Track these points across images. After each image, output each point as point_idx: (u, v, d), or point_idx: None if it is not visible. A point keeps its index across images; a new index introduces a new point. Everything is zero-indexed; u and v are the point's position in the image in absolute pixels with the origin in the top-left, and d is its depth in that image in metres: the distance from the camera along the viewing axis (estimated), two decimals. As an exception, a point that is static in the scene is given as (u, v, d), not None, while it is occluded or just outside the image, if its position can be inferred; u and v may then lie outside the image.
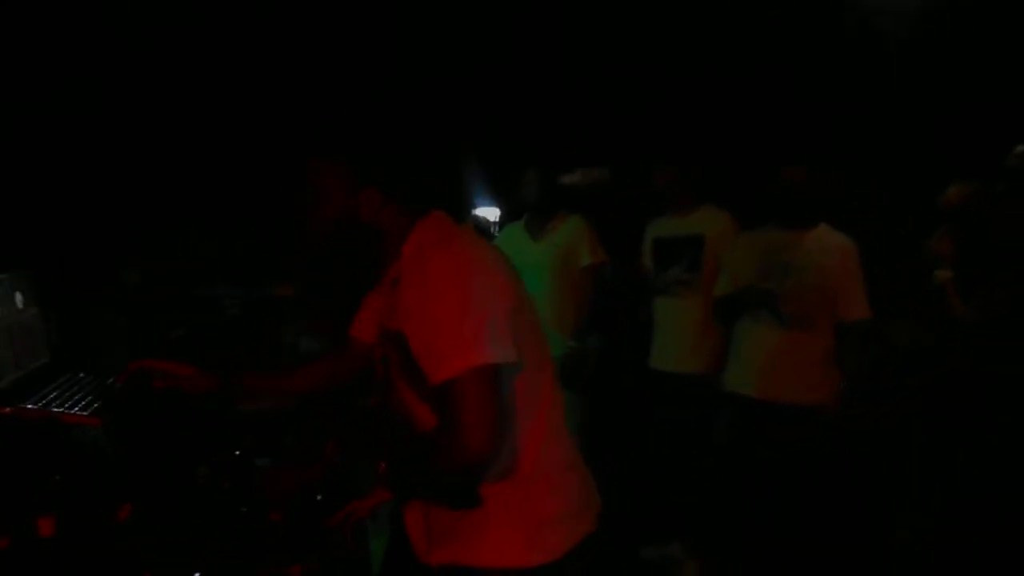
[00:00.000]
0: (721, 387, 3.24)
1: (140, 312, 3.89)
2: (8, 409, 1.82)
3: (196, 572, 1.84)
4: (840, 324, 3.02)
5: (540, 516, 1.58)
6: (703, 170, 3.58)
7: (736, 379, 3.19)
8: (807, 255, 3.02)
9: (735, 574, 3.26)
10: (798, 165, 3.08)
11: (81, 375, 2.15)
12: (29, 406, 1.86)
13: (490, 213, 5.48)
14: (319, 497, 2.13)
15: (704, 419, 3.38)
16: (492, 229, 5.03)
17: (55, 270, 2.67)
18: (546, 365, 1.64)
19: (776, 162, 3.17)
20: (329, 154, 1.61)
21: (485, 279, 1.48)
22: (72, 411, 1.91)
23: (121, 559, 1.87)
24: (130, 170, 4.32)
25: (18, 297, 2.05)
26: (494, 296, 1.48)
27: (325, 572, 1.88)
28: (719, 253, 3.39)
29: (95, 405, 1.94)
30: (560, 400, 1.68)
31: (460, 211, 1.55)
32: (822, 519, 3.11)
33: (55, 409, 1.88)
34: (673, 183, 3.55)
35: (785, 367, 3.03)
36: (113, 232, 4.21)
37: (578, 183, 4.52)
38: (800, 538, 3.08)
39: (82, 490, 2.23)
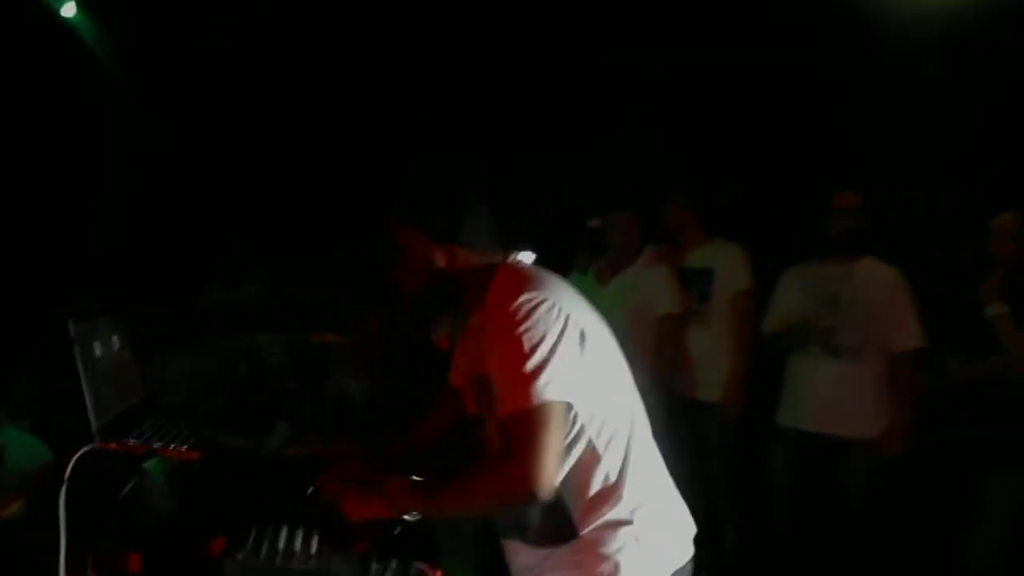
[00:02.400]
0: (777, 422, 3.29)
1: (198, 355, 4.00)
2: (113, 444, 1.89)
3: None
4: (893, 355, 3.06)
5: (639, 544, 1.61)
6: (709, 207, 3.74)
7: (790, 414, 3.23)
8: (856, 287, 3.08)
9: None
10: (847, 192, 3.14)
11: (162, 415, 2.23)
12: (131, 442, 1.93)
13: (526, 257, 5.56)
14: (396, 531, 2.20)
15: (718, 449, 3.51)
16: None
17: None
18: (626, 396, 1.69)
19: (812, 191, 3.26)
20: (403, 220, 1.70)
21: (558, 320, 1.52)
22: (169, 447, 1.98)
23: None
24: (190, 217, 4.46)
25: (115, 339, 2.14)
26: (566, 338, 1.51)
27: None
28: (731, 285, 3.52)
29: (191, 442, 2.01)
30: (645, 430, 1.72)
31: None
32: (880, 557, 3.10)
33: (155, 445, 1.96)
34: (680, 222, 3.71)
35: (841, 400, 3.08)
36: (172, 278, 4.34)
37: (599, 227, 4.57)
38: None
39: (170, 525, 2.30)
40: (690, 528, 1.75)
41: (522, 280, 1.61)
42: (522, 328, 1.49)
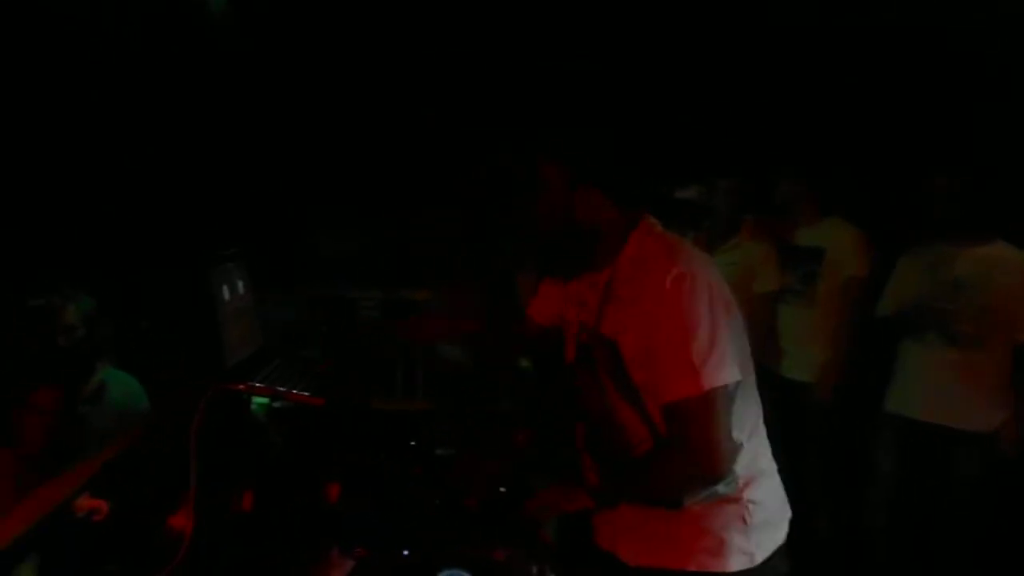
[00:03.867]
0: (884, 409, 3.17)
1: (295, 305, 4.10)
2: (242, 386, 1.94)
3: (404, 550, 1.93)
4: (1019, 345, 2.90)
5: (745, 522, 1.61)
6: (826, 182, 3.53)
7: (900, 400, 3.11)
8: (981, 271, 2.92)
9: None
10: (953, 174, 2.98)
11: (283, 360, 2.27)
12: (258, 384, 1.98)
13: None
14: (502, 489, 2.21)
15: (811, 433, 3.39)
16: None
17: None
18: (751, 372, 1.66)
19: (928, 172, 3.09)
20: (549, 154, 1.62)
21: (709, 297, 1.50)
22: (293, 392, 2.02)
23: (334, 535, 1.97)
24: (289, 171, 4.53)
25: (240, 284, 2.18)
26: (718, 315, 1.50)
27: (522, 558, 1.94)
28: (844, 268, 3.36)
29: (312, 386, 2.05)
30: (760, 406, 1.70)
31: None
32: (989, 556, 2.99)
33: (279, 389, 2.00)
34: (793, 196, 3.54)
35: (956, 390, 2.95)
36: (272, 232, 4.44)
37: (693, 197, 4.47)
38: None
39: (283, 467, 2.36)
40: (787, 509, 1.74)
41: (668, 250, 1.58)
42: (679, 308, 1.48)
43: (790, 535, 1.72)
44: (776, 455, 1.73)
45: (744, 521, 1.60)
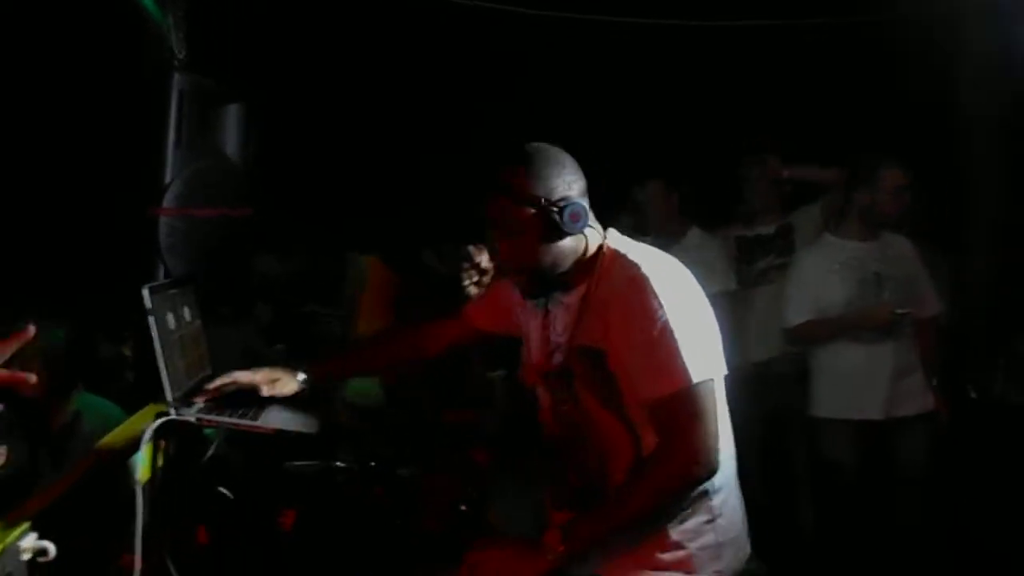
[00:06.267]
0: (826, 415, 3.14)
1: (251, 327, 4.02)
2: (192, 417, 1.89)
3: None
4: (922, 323, 3.08)
5: (716, 540, 1.61)
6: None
7: (854, 404, 3.07)
8: (890, 262, 3.06)
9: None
10: (896, 170, 3.03)
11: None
12: (206, 415, 1.92)
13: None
14: (463, 508, 2.19)
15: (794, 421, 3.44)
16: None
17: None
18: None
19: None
20: (507, 197, 1.60)
21: (676, 300, 1.54)
22: (243, 422, 1.96)
23: (288, 564, 1.93)
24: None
25: (187, 311, 2.13)
26: (694, 312, 1.56)
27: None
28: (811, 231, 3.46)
29: (263, 415, 1.99)
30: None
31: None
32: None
33: (228, 419, 1.94)
34: (764, 193, 3.63)
35: (905, 379, 3.05)
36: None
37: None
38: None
39: (241, 497, 2.30)
40: (745, 517, 1.72)
41: (639, 256, 1.62)
42: (651, 314, 1.51)
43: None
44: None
45: (715, 539, 1.61)
